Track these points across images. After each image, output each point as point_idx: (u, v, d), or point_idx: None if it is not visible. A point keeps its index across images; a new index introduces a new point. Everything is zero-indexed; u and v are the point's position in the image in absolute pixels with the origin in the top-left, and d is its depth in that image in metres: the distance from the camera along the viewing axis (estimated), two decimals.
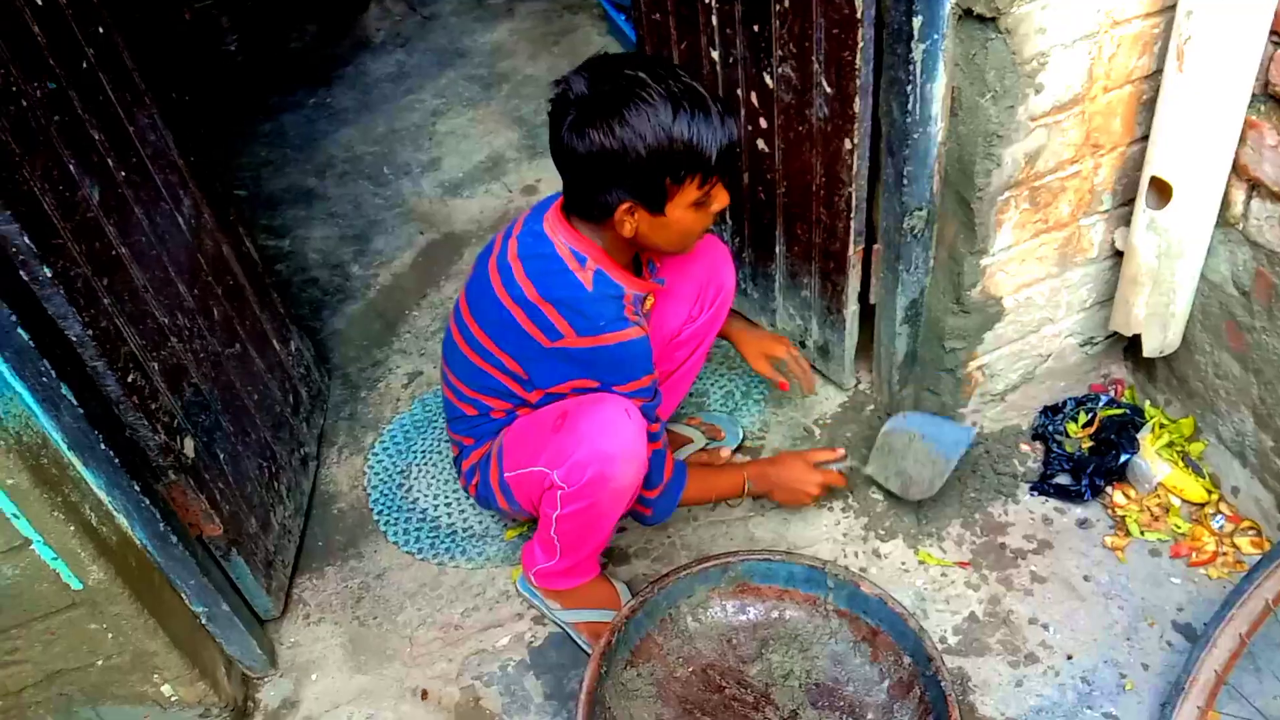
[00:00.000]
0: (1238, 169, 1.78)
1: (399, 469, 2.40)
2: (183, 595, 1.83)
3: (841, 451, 2.15)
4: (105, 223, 1.69)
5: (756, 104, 2.09)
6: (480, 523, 2.26)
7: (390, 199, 3.27)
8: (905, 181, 1.86)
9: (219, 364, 2.03)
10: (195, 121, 2.16)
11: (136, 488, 1.68)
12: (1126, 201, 1.95)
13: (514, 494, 1.85)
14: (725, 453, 2.31)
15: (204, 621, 1.88)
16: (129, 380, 1.67)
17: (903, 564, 2.09)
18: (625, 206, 1.61)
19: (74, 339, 1.56)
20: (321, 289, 2.96)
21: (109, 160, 1.75)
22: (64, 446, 1.56)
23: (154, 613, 1.72)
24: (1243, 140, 1.74)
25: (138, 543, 1.72)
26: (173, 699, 1.82)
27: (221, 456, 1.97)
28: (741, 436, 2.36)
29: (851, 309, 2.22)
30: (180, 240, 1.98)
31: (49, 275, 1.49)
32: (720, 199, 1.67)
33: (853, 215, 2.02)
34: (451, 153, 3.42)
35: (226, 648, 1.95)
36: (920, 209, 1.90)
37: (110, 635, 1.69)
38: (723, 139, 1.57)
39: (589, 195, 1.63)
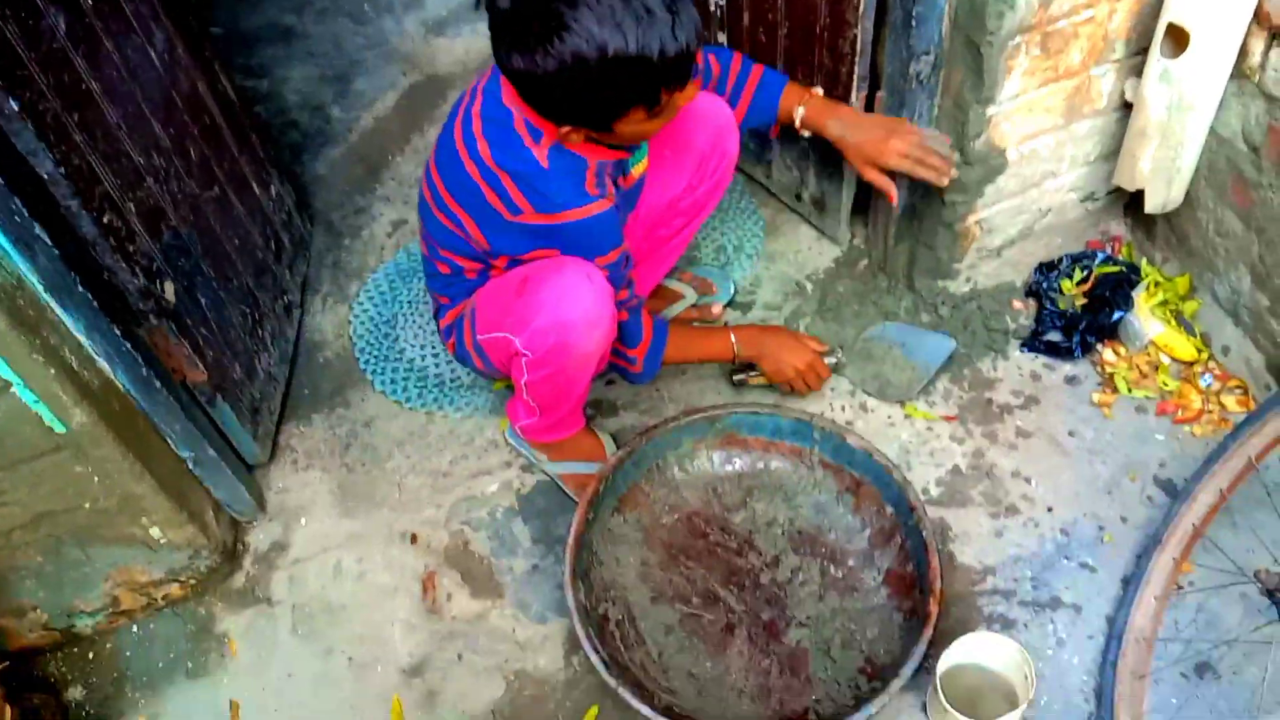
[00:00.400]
0: (1259, 16, 1.70)
1: (385, 318, 2.37)
2: (168, 440, 1.83)
3: (831, 347, 2.08)
4: (73, 54, 1.61)
5: None
6: (468, 373, 2.25)
7: (372, 38, 3.13)
8: (913, 23, 1.78)
9: (197, 207, 1.97)
10: None
11: (117, 331, 1.66)
12: (1140, 50, 1.87)
13: (488, 356, 1.82)
14: (717, 308, 2.29)
15: (191, 466, 1.89)
16: (105, 221, 1.62)
17: (889, 418, 2.09)
18: (565, 129, 1.51)
19: (45, 176, 1.51)
20: (302, 132, 2.86)
21: None
22: (40, 288, 1.52)
23: (139, 456, 1.72)
24: None
25: (120, 387, 1.70)
26: (161, 541, 1.84)
27: (203, 302, 1.93)
28: (733, 291, 2.33)
29: None
30: (153, 76, 1.89)
31: (15, 108, 1.43)
32: (685, 97, 1.52)
33: (857, 59, 1.94)
34: None
35: (214, 492, 1.96)
36: (927, 53, 1.82)
37: (96, 478, 1.69)
38: (676, 52, 1.40)
39: (531, 105, 1.50)
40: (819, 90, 1.90)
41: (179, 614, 1.96)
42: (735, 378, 2.13)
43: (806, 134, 1.93)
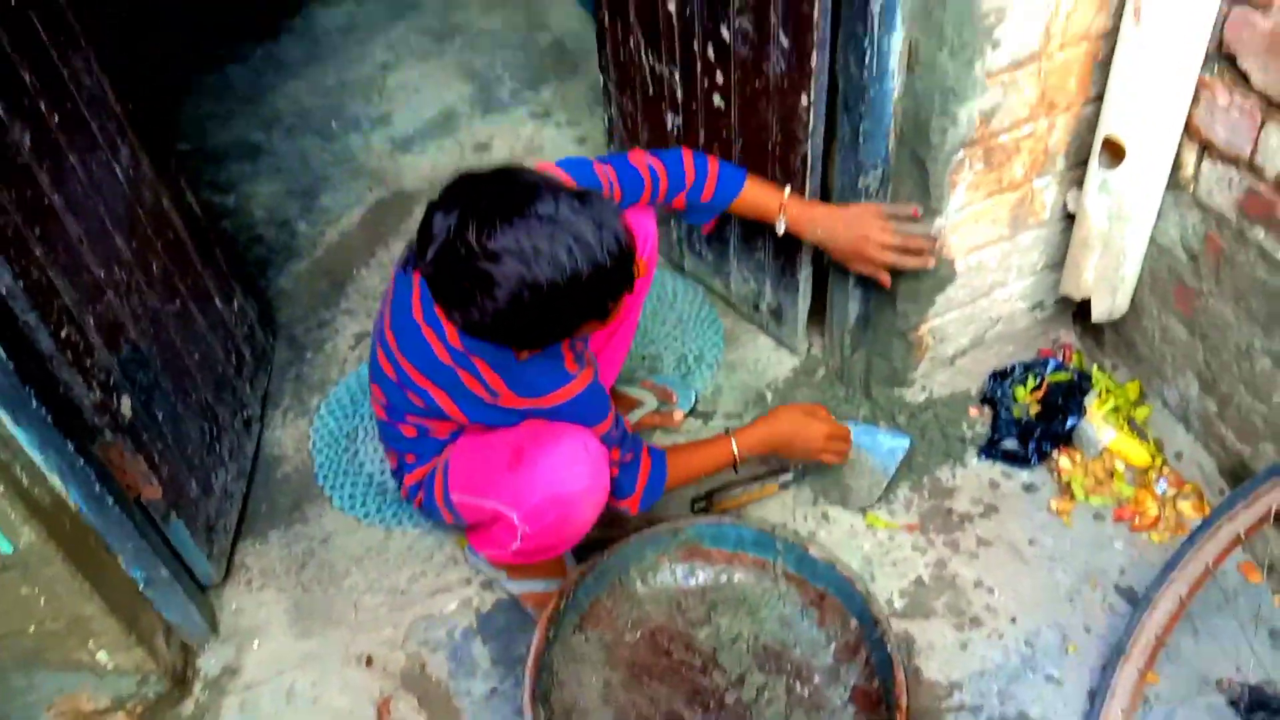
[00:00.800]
0: (1190, 130, 1.78)
1: (345, 432, 2.36)
2: (120, 560, 1.79)
3: (786, 464, 2.04)
4: (37, 169, 1.63)
5: (713, 58, 2.05)
6: None
7: (339, 154, 3.19)
8: (861, 139, 1.84)
9: (158, 320, 1.98)
10: (135, 68, 2.08)
11: (71, 447, 1.64)
12: (1079, 163, 1.94)
13: (461, 515, 1.77)
14: (678, 415, 2.30)
15: (142, 587, 1.84)
16: (63, 335, 1.62)
17: (851, 527, 2.09)
18: (525, 353, 1.50)
19: (4, 290, 1.51)
20: (267, 246, 2.89)
21: (40, 104, 1.68)
22: None
23: (89, 577, 1.68)
24: (1196, 100, 1.74)
25: (72, 505, 1.68)
26: (109, 666, 1.78)
27: (161, 416, 1.92)
28: (694, 400, 2.35)
29: (805, 272, 2.21)
30: (117, 191, 1.91)
31: None
32: (633, 293, 1.49)
33: (808, 174, 1.99)
34: (402, 107, 3.34)
35: (165, 614, 1.91)
36: (875, 167, 1.88)
37: (43, 600, 1.65)
38: (607, 261, 1.34)
39: (491, 342, 1.45)
40: (787, 189, 1.89)
41: None
42: (696, 507, 2.12)
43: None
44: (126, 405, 1.80)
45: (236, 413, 2.26)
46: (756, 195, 1.88)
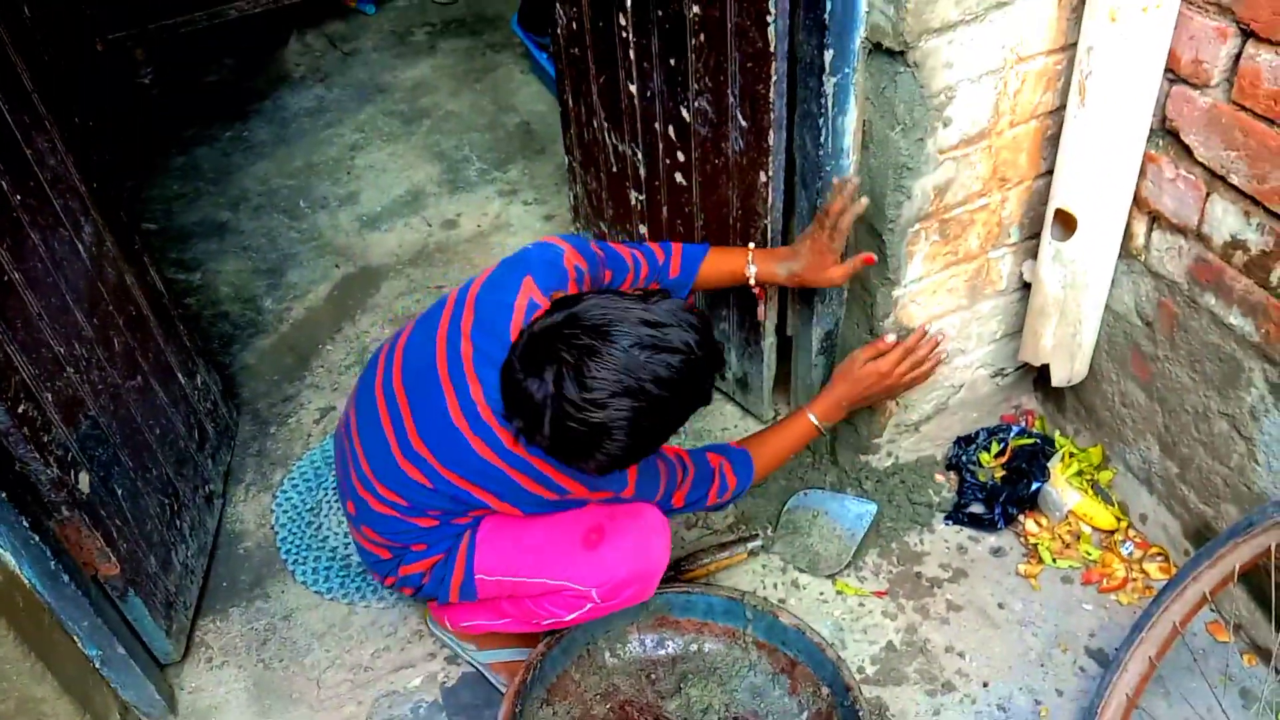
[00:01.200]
0: (1139, 201, 1.84)
1: (308, 506, 2.33)
2: (75, 638, 1.75)
3: (754, 531, 2.07)
4: None
5: (674, 137, 2.10)
6: None
7: (306, 232, 3.21)
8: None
9: (118, 396, 1.96)
10: (100, 148, 2.10)
11: (25, 524, 1.61)
12: (1033, 234, 1.99)
13: (478, 592, 1.73)
14: None
15: (97, 665, 1.80)
16: (19, 411, 1.60)
17: (821, 594, 2.08)
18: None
19: None
20: (232, 323, 2.88)
21: (2, 183, 1.68)
22: None
23: (42, 656, 1.63)
24: (1143, 174, 1.80)
25: (25, 582, 1.64)
26: None
27: (120, 492, 1.89)
28: None
29: (769, 341, 2.24)
30: (79, 268, 1.91)
31: None
32: None
33: (769, 247, 2.03)
34: (370, 186, 3.38)
35: (122, 693, 1.86)
36: None
37: None
38: (708, 362, 1.41)
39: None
40: (751, 246, 1.96)
41: None
42: (664, 575, 2.09)
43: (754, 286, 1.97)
44: (84, 481, 1.77)
45: (198, 488, 2.24)
46: (722, 258, 1.92)
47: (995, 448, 2.24)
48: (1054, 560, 2.10)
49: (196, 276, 3.06)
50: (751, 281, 1.94)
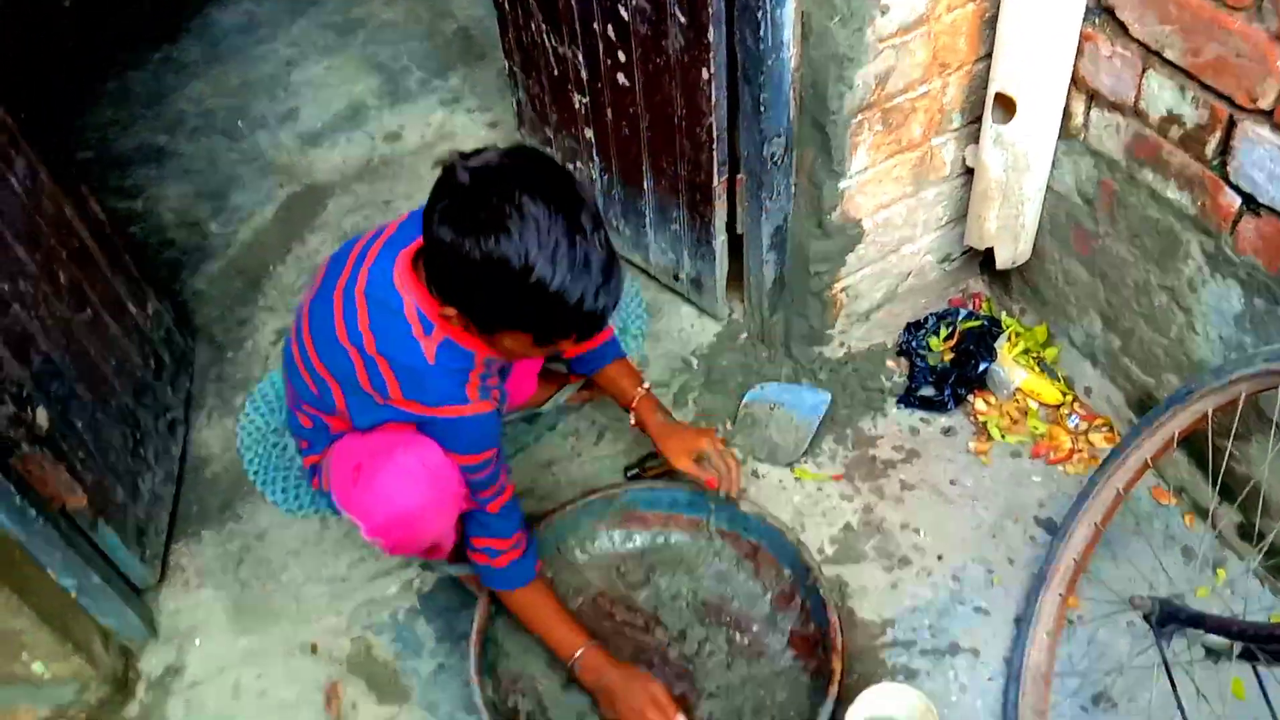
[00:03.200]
0: (1077, 81, 1.85)
1: (272, 428, 2.34)
2: (48, 570, 1.77)
3: (715, 426, 2.06)
4: None
5: (614, 37, 2.07)
6: None
7: (247, 153, 3.14)
8: (762, 109, 1.88)
9: (69, 330, 1.94)
10: (25, 79, 2.03)
11: None
12: (974, 119, 2.01)
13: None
14: None
15: (75, 595, 1.82)
16: None
17: (780, 482, 2.14)
18: (453, 311, 1.44)
19: None
20: (179, 249, 2.84)
21: None
22: None
23: (16, 590, 1.66)
24: (1080, 53, 1.81)
25: None
26: (45, 677, 1.76)
27: (80, 425, 1.89)
28: None
29: (720, 240, 2.25)
30: (14, 203, 1.87)
31: None
32: (572, 349, 1.52)
33: (715, 145, 2.03)
34: (309, 102, 3.30)
35: (101, 620, 1.89)
36: (779, 136, 1.93)
37: None
38: (590, 310, 1.37)
39: (430, 275, 1.46)
40: (647, 384, 1.96)
41: None
42: (629, 474, 2.15)
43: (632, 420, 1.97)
44: (43, 416, 1.77)
45: (159, 416, 2.24)
46: (624, 373, 1.96)
47: (944, 332, 2.29)
48: (1003, 436, 2.17)
49: (138, 204, 3.00)
50: (631, 419, 1.96)
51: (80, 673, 1.80)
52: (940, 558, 2.00)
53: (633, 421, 1.96)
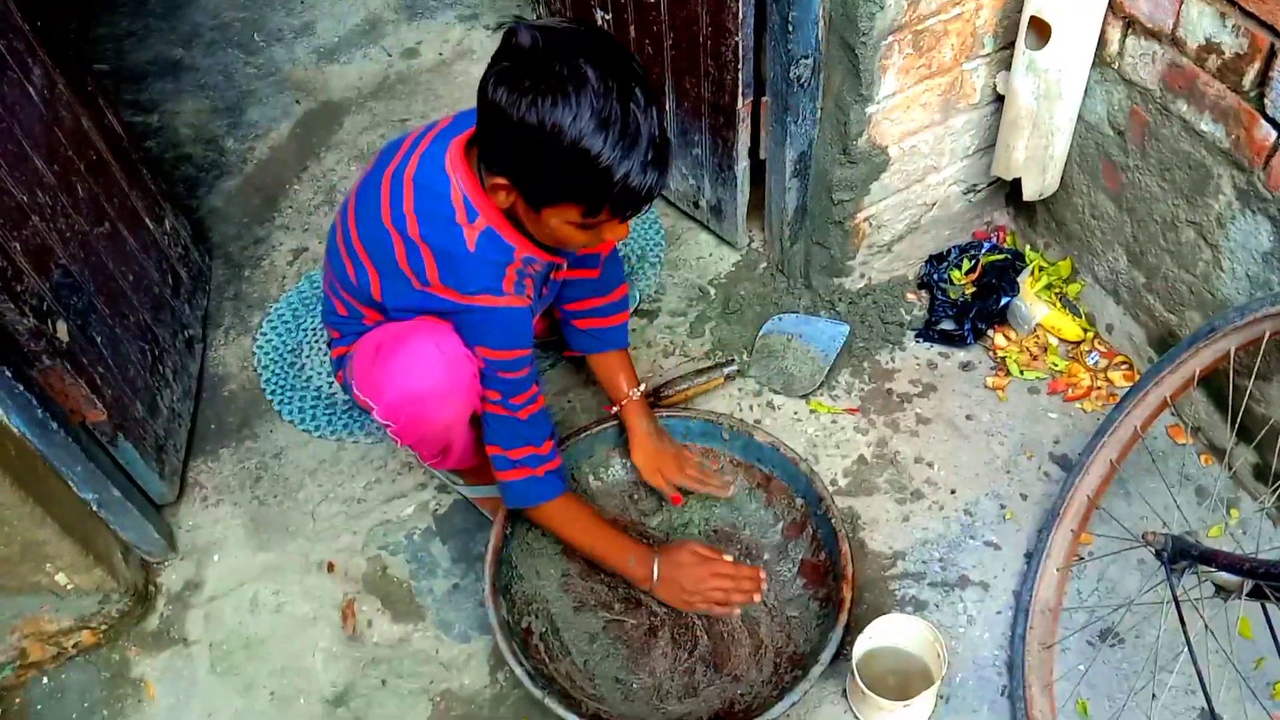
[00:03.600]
0: (1114, 6, 1.80)
1: (289, 348, 2.35)
2: (70, 483, 1.79)
3: (730, 357, 2.04)
4: None
5: None
6: None
7: (263, 68, 3.10)
8: (791, 29, 1.84)
9: (88, 243, 1.94)
10: None
11: (8, 373, 1.62)
12: (1007, 44, 1.95)
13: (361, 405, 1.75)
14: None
15: (95, 508, 1.84)
16: None
17: (795, 414, 2.14)
18: (504, 181, 1.42)
19: None
20: (195, 165, 2.82)
21: None
22: None
23: (40, 501, 1.68)
24: None
25: (15, 430, 1.66)
26: (68, 587, 1.79)
27: (99, 340, 1.90)
28: (638, 299, 2.36)
29: (742, 165, 2.21)
30: (33, 112, 1.85)
31: None
32: (614, 233, 1.49)
33: (740, 66, 1.99)
34: (325, 16, 3.24)
35: (121, 533, 1.92)
36: (806, 57, 1.88)
37: None
38: (637, 185, 1.36)
39: (482, 145, 1.45)
40: (643, 387, 1.95)
41: (92, 661, 1.91)
42: None
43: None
44: (63, 330, 1.77)
45: (177, 333, 2.24)
46: (623, 366, 1.96)
47: (966, 265, 2.26)
48: (1021, 372, 2.16)
49: (154, 118, 2.97)
50: (615, 409, 1.96)
51: (102, 584, 1.83)
52: (953, 492, 2.00)
53: (613, 420, 1.95)
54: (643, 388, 1.95)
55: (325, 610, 1.94)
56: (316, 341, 2.35)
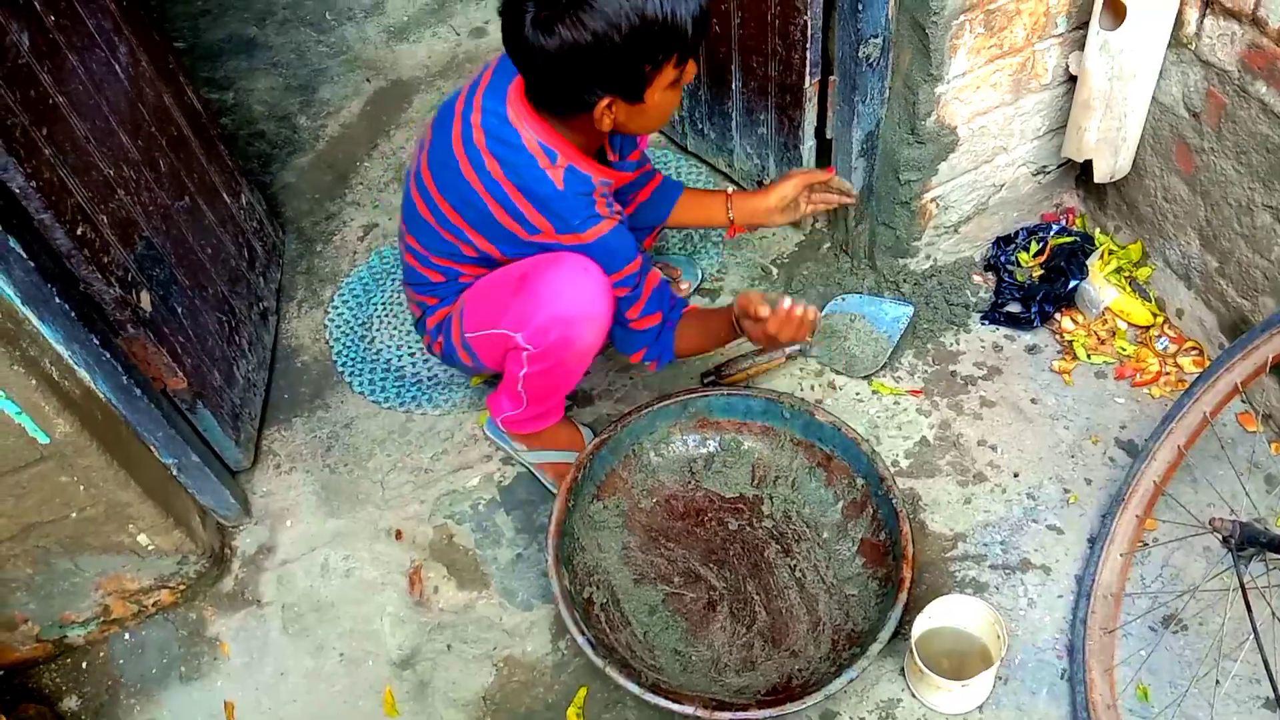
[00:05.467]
0: None
1: (360, 321, 2.41)
2: (151, 448, 1.86)
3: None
4: (39, 69, 1.64)
5: None
6: (445, 371, 2.28)
7: (334, 46, 3.16)
8: (860, 8, 1.83)
9: (169, 217, 2.00)
10: None
11: (95, 341, 1.69)
12: (1081, 24, 1.93)
13: (477, 354, 1.85)
14: (684, 287, 2.34)
15: (175, 473, 1.91)
16: (78, 233, 1.65)
17: (857, 395, 2.15)
18: (605, 102, 1.51)
19: (17, 190, 1.53)
20: (269, 142, 2.89)
21: (34, 2, 1.67)
22: (18, 301, 1.55)
23: (124, 465, 1.75)
24: None
25: (101, 396, 1.73)
26: (149, 548, 1.86)
27: (179, 310, 1.96)
28: (701, 277, 2.38)
29: (808, 144, 2.21)
30: (119, 89, 1.91)
31: None
32: (691, 70, 1.57)
33: (808, 45, 1.99)
34: None
35: (199, 498, 1.99)
36: (876, 36, 1.87)
37: (82, 488, 1.71)
38: (695, 8, 1.46)
39: (560, 93, 1.53)
40: (731, 188, 1.99)
41: (170, 619, 1.98)
42: (705, 381, 2.17)
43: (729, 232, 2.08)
44: (146, 300, 1.84)
45: (252, 305, 2.31)
46: (699, 198, 2.03)
47: (1034, 247, 2.24)
48: (1088, 356, 2.13)
49: (229, 95, 3.04)
50: (730, 220, 2.01)
51: (181, 546, 1.90)
52: (1016, 475, 2.00)
53: (732, 220, 2.01)
54: (731, 188, 2.03)
55: (393, 576, 1.99)
56: (387, 316, 2.40)
